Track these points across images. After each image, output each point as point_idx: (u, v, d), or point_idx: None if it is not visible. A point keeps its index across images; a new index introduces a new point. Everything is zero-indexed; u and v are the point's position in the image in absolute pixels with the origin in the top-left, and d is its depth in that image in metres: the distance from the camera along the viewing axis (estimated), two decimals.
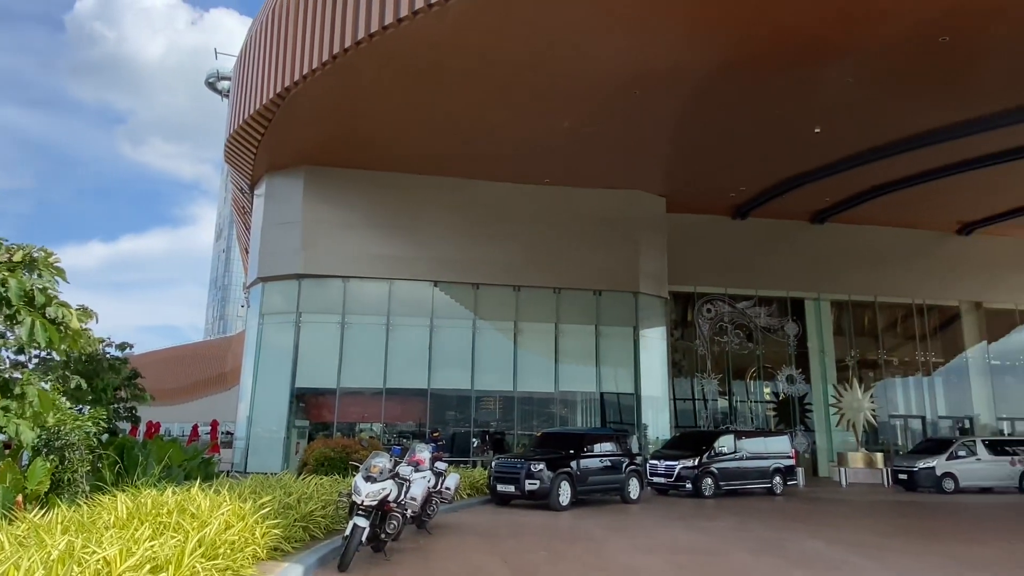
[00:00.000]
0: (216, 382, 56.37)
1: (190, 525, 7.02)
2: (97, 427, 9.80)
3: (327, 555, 8.62)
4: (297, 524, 9.06)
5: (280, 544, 8.20)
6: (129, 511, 7.42)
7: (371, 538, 8.55)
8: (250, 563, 7.27)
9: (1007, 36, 14.27)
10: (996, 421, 28.10)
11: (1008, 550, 10.78)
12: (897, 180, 23.06)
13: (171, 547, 6.07)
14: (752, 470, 18.97)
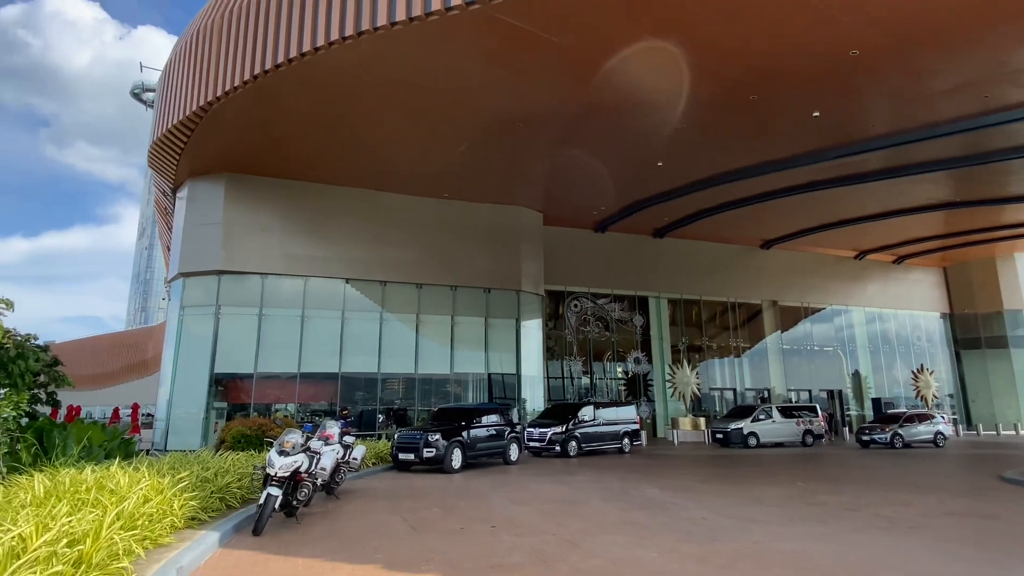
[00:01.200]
0: (138, 368, 51.44)
1: (109, 501, 6.38)
2: (16, 411, 8.67)
3: (242, 522, 8.09)
4: (214, 496, 8.45)
5: (197, 514, 7.62)
6: (47, 490, 6.63)
7: (284, 505, 8.11)
8: (168, 532, 6.72)
9: (795, 98, 15.70)
10: (787, 391, 30.88)
11: (792, 489, 11.84)
12: (718, 205, 24.79)
13: (89, 521, 5.48)
14: (607, 434, 19.72)
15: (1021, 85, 14.93)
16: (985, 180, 22.56)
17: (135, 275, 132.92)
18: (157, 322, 62.65)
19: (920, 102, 16.02)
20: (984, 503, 10.21)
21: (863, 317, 33.68)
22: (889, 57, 13.43)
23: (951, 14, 11.81)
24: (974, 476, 14.06)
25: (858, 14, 11.68)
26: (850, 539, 7.42)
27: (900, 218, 26.43)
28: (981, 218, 27.60)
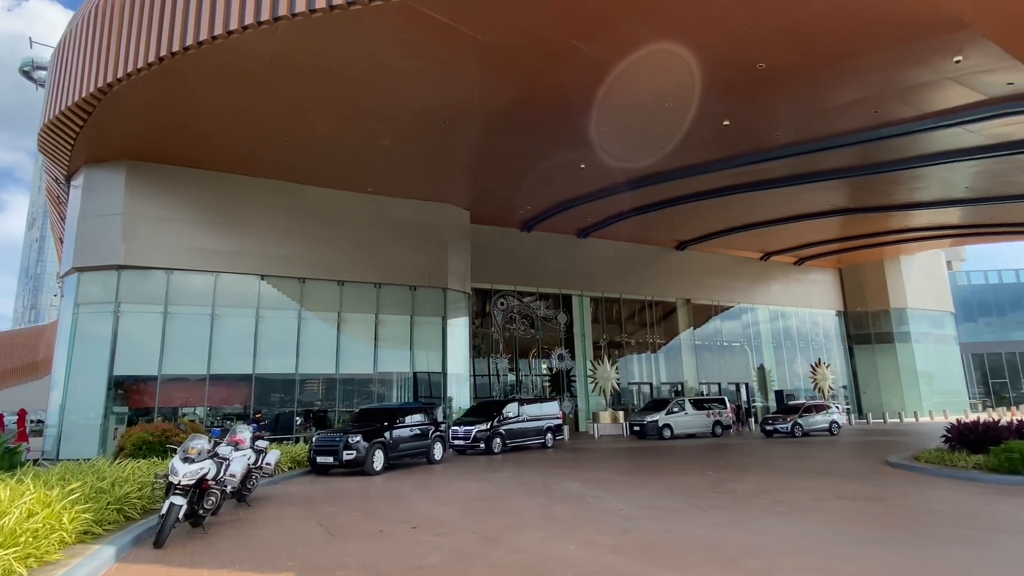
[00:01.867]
0: (27, 371, 46.87)
1: None
2: None
3: (143, 534, 7.55)
4: (111, 507, 7.84)
5: (92, 528, 7.04)
6: None
7: (189, 515, 7.65)
8: (56, 549, 6.16)
9: (708, 107, 16.46)
10: (698, 385, 32.45)
11: (702, 478, 12.44)
12: (637, 208, 25.66)
13: None
14: (531, 429, 19.94)
15: (907, 103, 16.40)
16: (875, 189, 24.63)
17: (23, 269, 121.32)
18: (49, 320, 57.40)
19: (820, 115, 17.24)
20: (871, 486, 11.13)
21: (767, 315, 35.93)
22: (792, 71, 14.36)
23: (844, 35, 12.77)
24: (863, 461, 15.31)
25: (762, 28, 12.39)
26: (754, 524, 7.87)
27: (801, 223, 28.41)
28: (872, 224, 30.10)
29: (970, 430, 13.17)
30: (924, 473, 12.20)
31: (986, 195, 24.67)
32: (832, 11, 11.65)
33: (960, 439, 13.27)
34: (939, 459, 12.61)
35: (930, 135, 18.38)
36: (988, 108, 16.24)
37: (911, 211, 27.36)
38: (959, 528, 7.49)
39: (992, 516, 8.13)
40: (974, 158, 20.04)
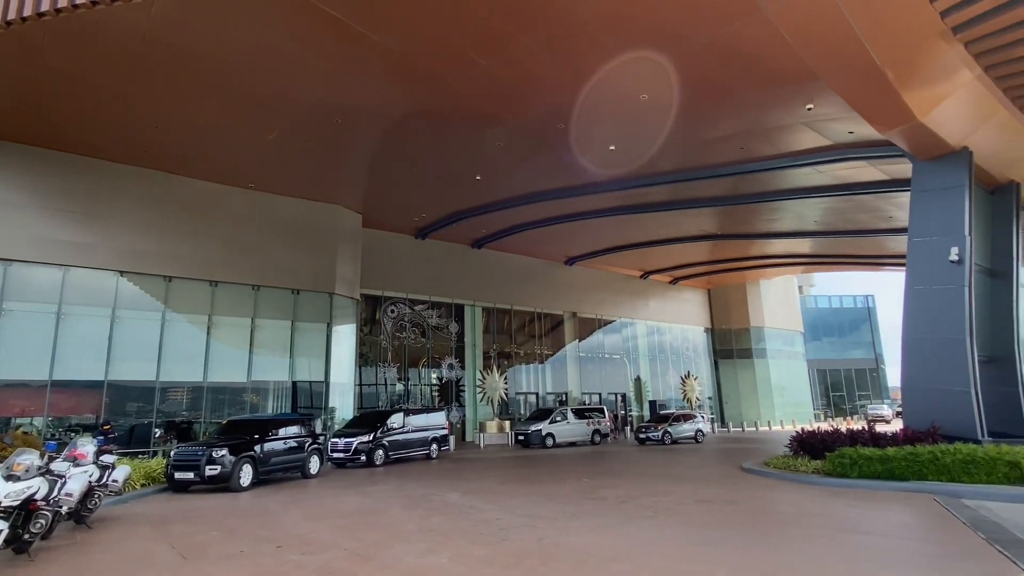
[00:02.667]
0: None
1: None
2: None
3: None
4: None
5: None
6: None
7: (12, 540, 6.66)
8: None
9: (596, 131, 17.25)
10: (581, 394, 33.63)
11: (578, 485, 12.84)
12: (530, 222, 26.27)
13: None
14: (416, 440, 19.57)
15: (769, 142, 18.16)
16: (741, 218, 27.01)
17: None
18: None
19: (696, 147, 18.63)
20: (727, 490, 12.04)
21: (645, 329, 38.10)
22: (672, 105, 15.39)
23: (719, 76, 13.92)
24: (722, 467, 16.58)
25: (647, 62, 13.20)
26: (622, 529, 8.22)
27: (677, 245, 30.51)
28: (737, 249, 32.96)
29: (810, 438, 14.69)
30: (772, 477, 13.42)
31: (832, 229, 27.88)
32: (709, 53, 12.66)
33: (802, 446, 14.76)
34: (785, 465, 13.93)
35: (787, 172, 20.49)
36: (834, 152, 18.39)
37: (770, 240, 30.31)
38: (799, 528, 8.28)
39: (827, 516, 9.07)
40: (822, 196, 22.59)
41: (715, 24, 11.54)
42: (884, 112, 12.98)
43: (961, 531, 7.61)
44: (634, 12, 11.29)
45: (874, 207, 23.54)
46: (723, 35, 11.82)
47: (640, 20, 11.59)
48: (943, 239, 14.28)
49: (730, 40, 12.02)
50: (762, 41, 11.74)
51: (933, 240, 14.46)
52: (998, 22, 10.35)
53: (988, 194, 16.50)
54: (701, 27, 11.66)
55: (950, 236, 14.20)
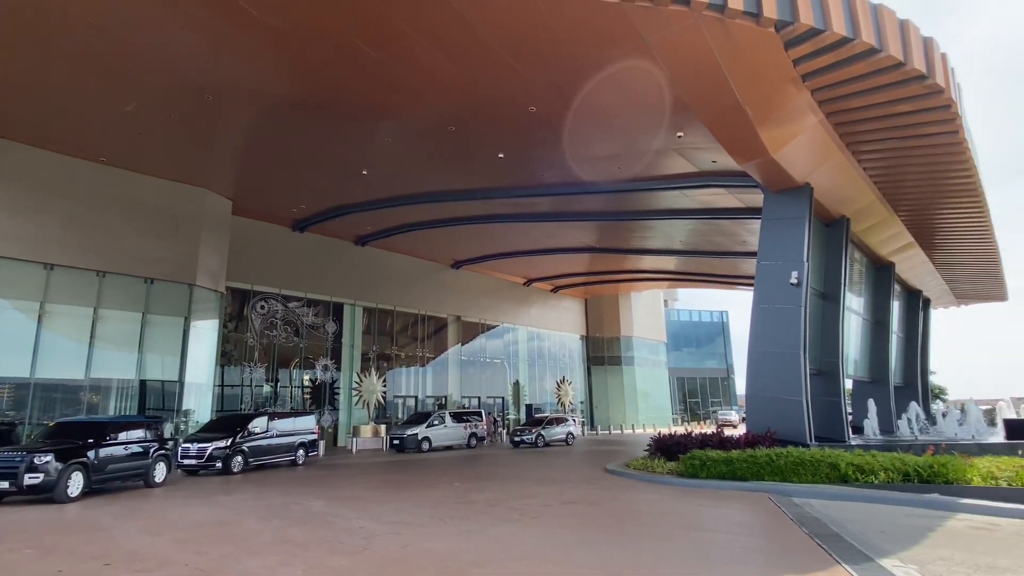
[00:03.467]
0: None
1: None
2: None
3: None
4: None
5: None
6: None
7: None
8: None
9: (485, 138, 17.37)
10: (461, 398, 33.60)
11: (450, 490, 12.70)
12: (418, 223, 25.85)
13: None
14: (281, 446, 18.36)
15: (643, 164, 19.27)
16: (617, 234, 28.48)
17: None
18: None
19: (579, 162, 19.32)
20: (591, 491, 12.50)
21: (526, 335, 38.98)
22: (559, 120, 15.86)
23: (602, 98, 14.54)
24: (588, 469, 17.24)
25: (541, 78, 13.48)
26: (488, 533, 8.19)
27: (559, 255, 31.54)
28: (612, 263, 34.73)
29: (667, 441, 15.73)
30: (633, 478, 14.16)
31: (694, 249, 30.26)
32: (592, 75, 13.16)
33: (660, 448, 15.75)
34: (644, 466, 14.77)
35: (658, 194, 21.91)
36: (698, 179, 19.94)
37: (642, 255, 32.27)
38: (653, 527, 8.75)
39: (678, 515, 9.68)
40: (687, 218, 24.43)
41: (598, 48, 12.01)
42: (742, 145, 14.27)
43: (789, 527, 8.44)
44: (523, 29, 11.46)
45: (731, 232, 25.86)
46: (606, 60, 12.36)
47: (529, 36, 11.79)
48: (785, 264, 15.96)
49: (613, 66, 12.59)
50: (642, 70, 12.42)
51: (777, 264, 16.12)
52: (837, 75, 11.76)
53: (824, 226, 18.72)
54: (585, 49, 12.10)
55: (791, 261, 15.91)
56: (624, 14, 10.17)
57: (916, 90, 12.05)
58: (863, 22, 10.64)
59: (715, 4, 9.71)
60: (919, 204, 19.59)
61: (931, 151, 15.16)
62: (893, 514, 9.32)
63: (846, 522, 8.49)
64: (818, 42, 10.70)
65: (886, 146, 15.18)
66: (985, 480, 10.65)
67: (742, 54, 11.09)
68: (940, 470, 10.83)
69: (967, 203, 18.97)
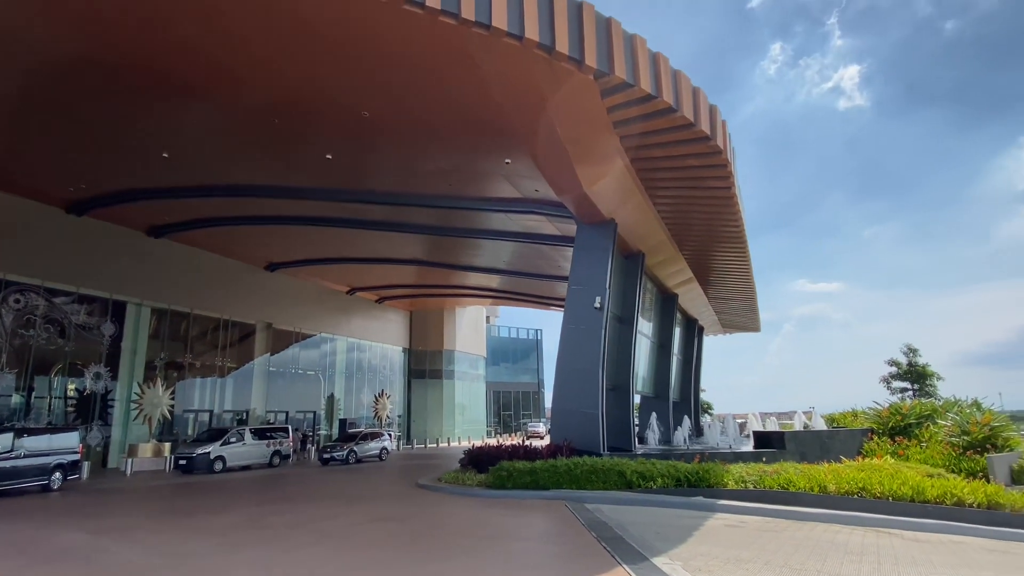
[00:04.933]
0: None
1: None
2: None
3: None
4: None
5: None
6: None
7: None
8: None
9: (314, 137, 16.47)
10: (266, 413, 30.93)
11: (244, 513, 11.56)
12: (228, 217, 23.47)
13: None
14: (30, 468, 15.18)
15: (473, 184, 19.80)
16: (446, 249, 28.75)
17: None
18: None
19: (412, 174, 19.21)
20: (401, 507, 12.27)
21: (346, 346, 37.37)
22: (392, 129, 15.63)
23: (432, 116, 14.67)
24: (400, 485, 16.93)
25: (377, 81, 13.16)
26: (285, 558, 7.57)
27: (386, 265, 30.89)
28: (439, 277, 34.95)
29: (479, 453, 16.11)
30: (444, 492, 14.21)
31: (516, 270, 31.73)
32: (427, 93, 13.22)
33: (472, 461, 16.06)
34: (455, 479, 14.92)
35: (486, 214, 22.64)
36: (523, 204, 21.02)
37: (468, 272, 32.97)
38: (460, 539, 8.83)
39: (484, 525, 9.90)
40: (511, 240, 25.57)
41: (435, 67, 12.12)
42: (561, 178, 15.40)
43: (581, 532, 9.10)
44: (364, 34, 11.11)
45: (549, 256, 27.64)
46: (442, 79, 12.51)
47: (370, 43, 11.48)
48: (591, 289, 17.47)
49: (449, 86, 12.78)
50: (475, 94, 12.79)
51: (584, 289, 17.58)
52: (641, 127, 13.28)
53: (624, 258, 20.87)
54: (422, 65, 12.13)
55: (596, 287, 17.46)
56: (461, 37, 10.41)
57: (702, 148, 14.09)
58: (665, 84, 12.18)
59: (544, 45, 10.40)
60: (699, 246, 22.85)
61: (710, 202, 17.80)
62: (667, 516, 10.56)
63: (628, 525, 9.41)
64: (629, 95, 11.99)
65: (676, 194, 17.48)
66: (737, 483, 12.59)
67: (565, 94, 12.00)
68: (704, 476, 12.56)
69: (735, 248, 22.58)
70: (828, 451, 17.14)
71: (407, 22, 10.18)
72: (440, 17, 9.82)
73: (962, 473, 14.63)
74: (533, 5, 10.48)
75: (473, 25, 9.96)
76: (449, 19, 9.87)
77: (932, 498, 11.42)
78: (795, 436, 18.21)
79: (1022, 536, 10.54)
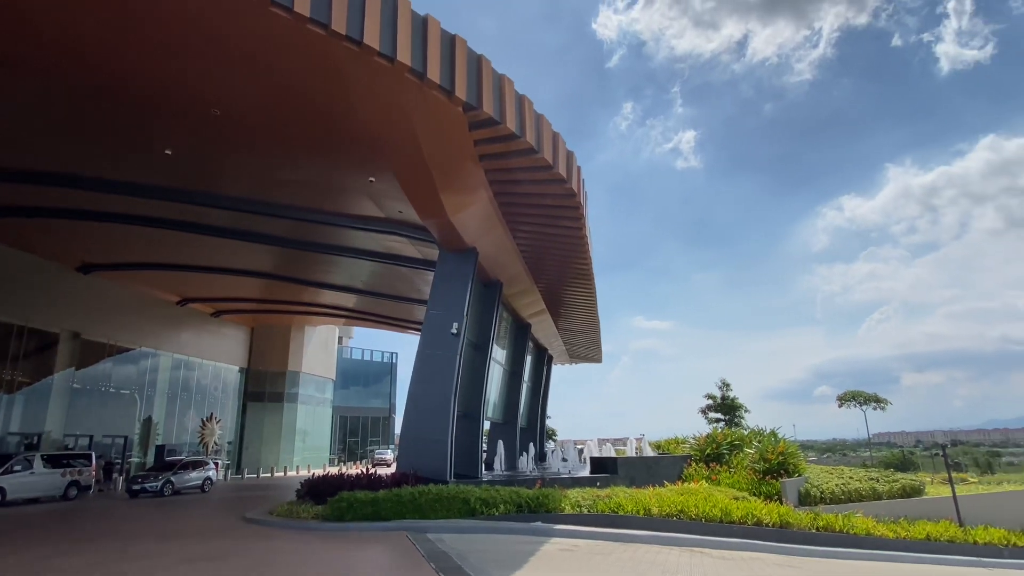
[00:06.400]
0: None
1: None
2: None
3: None
4: None
5: None
6: None
7: None
8: None
9: (150, 128, 14.82)
10: (64, 437, 26.46)
11: (22, 560, 9.69)
12: (32, 207, 20.10)
13: None
14: None
15: (333, 199, 19.04)
16: (298, 263, 27.14)
17: None
18: None
19: (266, 182, 17.99)
20: (222, 544, 11.08)
21: (171, 363, 33.39)
22: (246, 130, 14.56)
23: (291, 125, 13.98)
24: (223, 519, 15.31)
25: (233, 79, 12.22)
26: None
27: (228, 276, 28.33)
28: (289, 292, 32.81)
29: (319, 484, 15.15)
30: (274, 526, 13.11)
31: (374, 290, 30.86)
32: (285, 97, 12.58)
33: (310, 492, 15.06)
34: (289, 512, 13.86)
35: (345, 231, 21.84)
36: (385, 224, 20.62)
37: (322, 289, 31.37)
38: None
39: (316, 563, 9.25)
40: (371, 260, 24.88)
41: (300, 73, 11.59)
42: (425, 203, 15.40)
43: (420, 564, 8.88)
44: (223, 29, 10.32)
45: (409, 279, 27.30)
46: (307, 88, 11.99)
47: (228, 38, 10.68)
48: (449, 315, 17.52)
49: (315, 96, 12.28)
50: (342, 107, 12.42)
51: (442, 314, 17.58)
52: (505, 163, 13.79)
53: (483, 286, 21.27)
54: (287, 69, 11.53)
55: (454, 313, 17.55)
56: (330, 48, 10.09)
57: (558, 190, 14.95)
58: (529, 126, 12.81)
59: (416, 70, 10.44)
60: (553, 280, 24.04)
61: (564, 240, 18.87)
62: (507, 542, 10.71)
63: (468, 554, 9.39)
64: (495, 131, 12.42)
65: (534, 229, 18.31)
66: (573, 508, 13.17)
67: (435, 121, 12.10)
68: (544, 501, 12.98)
69: (583, 284, 24.07)
70: (654, 476, 18.63)
71: (273, 25, 9.65)
72: (308, 25, 9.46)
73: (762, 496, 16.72)
74: (407, 28, 10.51)
75: (343, 39, 9.73)
76: (318, 28, 9.54)
77: (737, 519, 12.87)
78: (626, 462, 19.55)
79: (807, 551, 12.26)
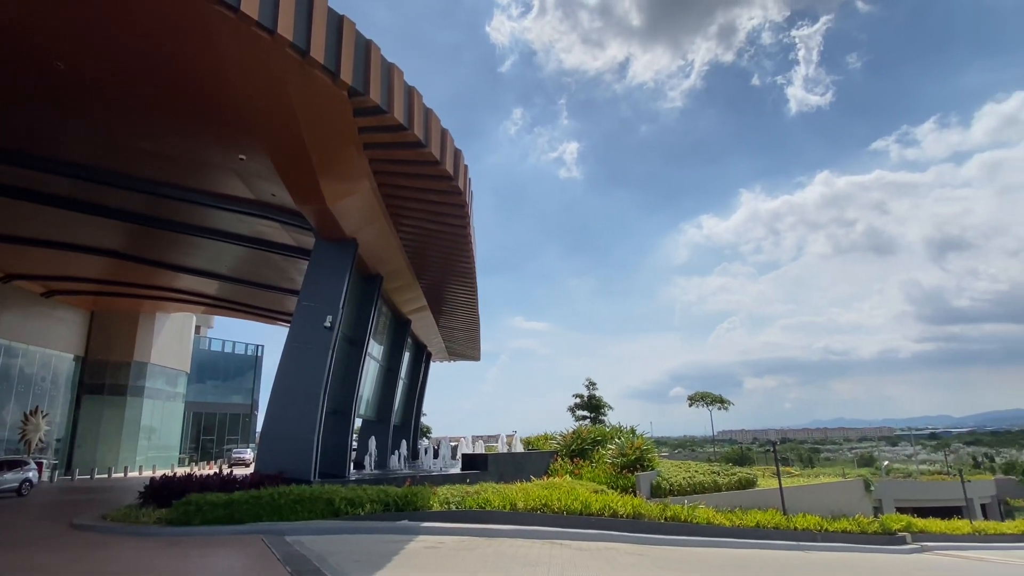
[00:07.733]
0: None
1: None
2: None
3: None
4: None
5: None
6: None
7: None
8: None
9: None
10: None
11: None
12: None
13: None
14: None
15: (197, 174, 17.48)
16: (153, 242, 24.54)
17: None
18: None
19: (118, 150, 16.09)
20: (42, 554, 9.77)
21: None
22: (96, 90, 12.95)
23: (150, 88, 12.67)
24: (47, 525, 13.47)
25: (79, 27, 10.81)
26: None
27: (66, 252, 24.94)
28: (140, 275, 29.51)
29: (164, 486, 13.84)
30: (109, 532, 11.80)
31: (241, 277, 28.72)
32: (144, 59, 11.39)
33: (154, 495, 13.72)
34: (127, 516, 12.53)
35: (211, 211, 20.14)
36: (255, 207, 19.31)
37: (179, 273, 28.63)
38: None
39: (157, 571, 8.46)
40: (238, 244, 23.16)
41: (154, 35, 10.54)
42: (303, 188, 14.66)
43: (274, 567, 8.45)
44: None
45: (280, 267, 25.78)
46: (173, 51, 10.92)
47: None
48: (323, 307, 16.81)
49: (180, 61, 11.22)
50: (212, 77, 11.47)
51: (316, 306, 16.83)
52: (391, 154, 13.52)
53: (362, 279, 20.65)
54: (149, 26, 10.43)
55: (329, 306, 16.87)
56: (199, 10, 9.29)
57: (444, 186, 14.94)
58: (417, 118, 12.66)
59: (298, 46, 9.93)
60: (435, 276, 23.93)
61: (448, 237, 18.87)
62: (372, 542, 10.51)
63: (329, 555, 9.09)
64: (381, 120, 12.13)
65: (418, 224, 18.12)
66: (442, 505, 13.21)
67: (317, 103, 11.57)
68: (412, 499, 12.89)
69: (466, 283, 24.23)
70: (523, 471, 19.23)
71: None
72: None
73: (620, 489, 17.88)
74: (291, 2, 9.95)
75: (215, 3, 9.00)
76: None
77: (596, 511, 13.66)
78: (497, 458, 19.99)
79: (655, 540, 13.32)
